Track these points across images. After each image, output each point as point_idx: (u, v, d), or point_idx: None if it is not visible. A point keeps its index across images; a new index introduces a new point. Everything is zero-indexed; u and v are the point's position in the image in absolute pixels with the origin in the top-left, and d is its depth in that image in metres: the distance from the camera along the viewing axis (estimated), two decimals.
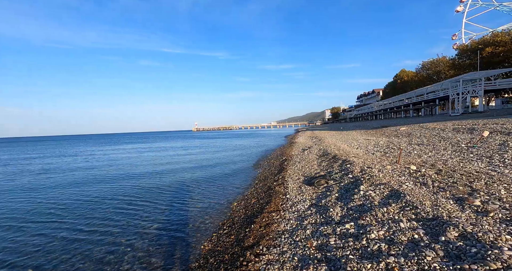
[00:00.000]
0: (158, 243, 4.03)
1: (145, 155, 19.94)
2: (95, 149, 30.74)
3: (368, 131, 22.04)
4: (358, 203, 3.62)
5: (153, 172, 11.35)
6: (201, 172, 10.91)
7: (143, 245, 3.97)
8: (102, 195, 7.47)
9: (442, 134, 11.81)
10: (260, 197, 5.62)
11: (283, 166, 9.11)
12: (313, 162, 8.42)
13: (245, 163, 12.88)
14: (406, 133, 14.91)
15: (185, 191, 7.44)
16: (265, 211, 4.39)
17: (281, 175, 7.34)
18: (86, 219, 5.44)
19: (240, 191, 6.96)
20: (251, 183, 7.77)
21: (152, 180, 9.38)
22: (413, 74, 64.62)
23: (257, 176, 8.78)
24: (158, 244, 3.98)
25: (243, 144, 27.65)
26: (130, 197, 7.09)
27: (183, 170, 11.76)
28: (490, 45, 38.24)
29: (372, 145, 12.10)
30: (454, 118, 22.22)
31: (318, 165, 7.71)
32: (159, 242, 4.07)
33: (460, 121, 16.09)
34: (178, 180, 9.13)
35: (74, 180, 10.14)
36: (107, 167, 13.78)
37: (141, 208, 6.03)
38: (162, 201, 6.56)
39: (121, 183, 9.21)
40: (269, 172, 8.87)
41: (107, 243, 4.13)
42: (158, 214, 5.47)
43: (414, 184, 3.99)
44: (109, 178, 10.48)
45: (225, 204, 5.76)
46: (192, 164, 13.79)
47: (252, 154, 17.46)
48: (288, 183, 6.12)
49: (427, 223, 2.57)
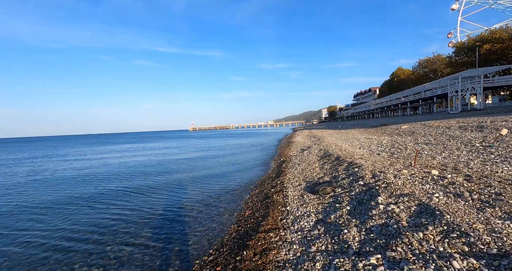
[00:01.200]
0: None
1: (127, 160, 18.94)
2: (79, 150, 29.53)
3: (367, 130, 21.40)
4: (379, 222, 2.82)
5: (138, 179, 10.44)
6: (192, 175, 10.04)
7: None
8: (67, 201, 6.57)
9: (449, 133, 11.14)
10: (256, 207, 4.79)
11: (281, 169, 8.30)
12: (314, 164, 7.63)
13: (240, 165, 12.05)
14: (409, 132, 14.23)
15: (170, 200, 6.58)
16: (262, 228, 3.57)
17: (280, 180, 6.52)
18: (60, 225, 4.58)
19: (233, 199, 6.14)
20: (245, 191, 6.95)
21: (135, 187, 8.49)
22: (409, 72, 64.47)
23: (253, 181, 7.96)
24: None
25: (239, 144, 26.79)
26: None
27: (171, 172, 10.86)
28: (488, 42, 37.98)
29: (375, 144, 11.37)
30: (454, 116, 21.70)
31: (320, 168, 6.92)
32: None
33: (464, 119, 15.49)
34: (162, 185, 8.26)
35: (55, 181, 9.19)
36: (84, 170, 12.80)
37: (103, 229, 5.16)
38: (139, 210, 5.70)
39: (83, 189, 8.30)
40: (266, 176, 8.05)
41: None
42: (139, 228, 4.62)
43: (446, 196, 3.22)
44: (87, 181, 9.54)
45: (215, 217, 4.92)
46: (183, 165, 12.90)
47: (248, 154, 16.63)
48: (288, 190, 5.31)
49: (493, 262, 1.79)
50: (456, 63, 47.66)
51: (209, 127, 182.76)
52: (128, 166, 13.81)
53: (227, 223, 4.41)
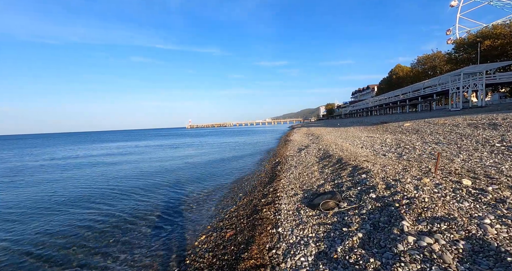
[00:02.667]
0: None
1: (99, 159, 17.84)
2: (66, 148, 28.27)
3: (367, 128, 20.52)
4: (414, 269, 1.87)
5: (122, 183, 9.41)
6: (175, 177, 9.03)
7: None
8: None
9: (458, 131, 10.24)
10: (240, 226, 3.80)
11: (275, 172, 7.32)
12: (313, 167, 6.67)
13: (231, 166, 11.06)
14: (413, 130, 13.33)
15: (142, 210, 5.58)
16: (242, 264, 2.59)
17: (273, 187, 5.55)
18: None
19: (215, 212, 5.14)
20: (232, 198, 5.97)
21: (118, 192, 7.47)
22: (408, 70, 63.79)
23: (242, 186, 6.97)
24: None
25: (234, 142, 25.77)
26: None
27: (153, 174, 9.83)
28: (489, 38, 37.21)
29: (378, 143, 10.45)
30: (456, 113, 20.90)
31: (320, 172, 5.96)
32: None
33: (470, 116, 14.64)
34: (139, 187, 7.25)
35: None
36: (67, 169, 11.73)
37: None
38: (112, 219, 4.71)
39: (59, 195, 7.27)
40: (257, 180, 7.06)
41: None
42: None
43: (502, 222, 2.27)
44: (71, 184, 8.50)
45: (189, 239, 3.91)
46: (169, 165, 11.87)
47: (241, 153, 15.64)
48: (281, 201, 4.35)
49: None
50: (455, 60, 46.97)
51: (207, 125, 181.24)
52: (99, 167, 12.75)
53: (199, 253, 3.33)
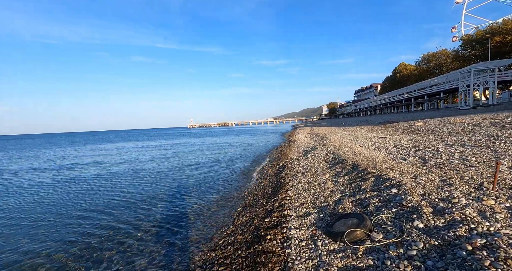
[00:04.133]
0: None
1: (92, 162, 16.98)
2: (64, 149, 27.53)
3: (375, 127, 19.47)
4: None
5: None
6: (169, 184, 8.12)
7: None
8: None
9: (482, 131, 9.21)
10: (237, 262, 2.85)
11: (280, 179, 6.38)
12: (324, 175, 5.71)
13: (229, 170, 10.13)
14: (427, 130, 12.29)
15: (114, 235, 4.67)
16: None
17: (278, 200, 4.61)
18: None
19: (207, 233, 4.14)
20: (229, 213, 5.00)
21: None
22: (413, 68, 62.39)
23: (242, 197, 6.02)
24: None
25: (235, 143, 24.86)
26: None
27: (142, 180, 8.94)
28: (499, 34, 35.82)
29: (392, 145, 9.45)
30: (467, 112, 19.78)
31: (334, 182, 5.00)
32: None
33: (489, 114, 13.57)
34: (119, 202, 6.36)
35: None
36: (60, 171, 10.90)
37: None
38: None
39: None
40: (260, 190, 6.10)
41: None
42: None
43: None
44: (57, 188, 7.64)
45: None
46: (164, 170, 10.99)
47: (242, 155, 14.72)
48: (289, 223, 3.41)
49: None
50: (463, 57, 45.58)
51: (209, 125, 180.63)
52: (95, 170, 11.89)
53: None
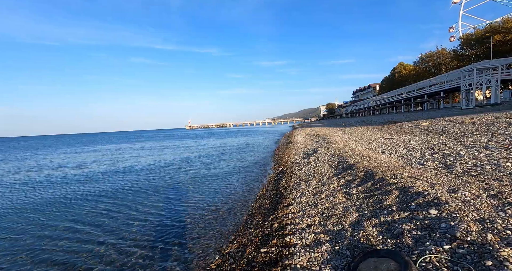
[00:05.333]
0: None
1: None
2: (56, 151, 26.44)
3: (377, 128, 18.68)
4: None
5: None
6: (154, 194, 7.22)
7: None
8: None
9: (501, 131, 8.39)
10: None
11: (279, 189, 5.49)
12: (332, 184, 4.84)
13: (222, 176, 9.23)
14: (436, 130, 11.48)
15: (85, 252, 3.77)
16: None
17: (277, 220, 3.73)
18: None
19: (186, 268, 3.21)
20: (218, 235, 4.09)
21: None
22: (411, 68, 62.12)
23: (234, 211, 5.10)
24: None
25: (232, 144, 23.97)
26: None
27: (128, 190, 8.04)
28: (499, 32, 35.41)
29: (402, 147, 8.60)
30: (471, 111, 19.09)
31: (345, 194, 4.14)
32: None
33: (500, 113, 12.84)
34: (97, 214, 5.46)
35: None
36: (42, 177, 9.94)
37: None
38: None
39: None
40: (256, 203, 5.19)
41: None
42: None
43: None
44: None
45: None
46: (151, 178, 10.08)
47: (237, 158, 13.83)
48: (293, 259, 2.54)
49: None
50: (462, 56, 45.24)
51: (207, 126, 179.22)
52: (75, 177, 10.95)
53: None
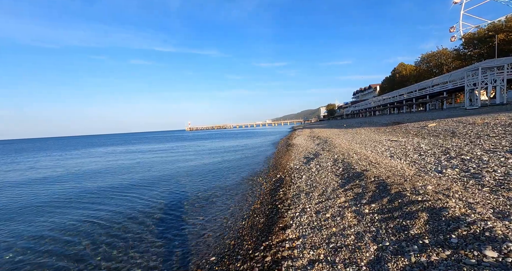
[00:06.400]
0: None
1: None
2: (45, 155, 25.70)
3: (380, 129, 17.90)
4: None
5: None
6: (130, 206, 6.47)
7: None
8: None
9: None
10: None
11: (276, 203, 4.72)
12: (338, 199, 4.07)
13: (217, 183, 8.46)
14: (446, 132, 10.70)
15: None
16: None
17: (272, 249, 2.96)
18: None
19: None
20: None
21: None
22: (412, 68, 61.51)
23: (222, 233, 4.30)
24: None
25: (229, 146, 23.22)
26: None
27: (99, 205, 7.29)
28: (503, 31, 34.74)
29: (411, 150, 7.83)
30: (477, 111, 18.33)
31: (356, 213, 3.37)
32: None
33: (510, 113, 12.09)
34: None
35: None
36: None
37: None
38: None
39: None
40: (247, 221, 4.37)
41: None
42: None
43: None
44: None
45: None
46: (138, 189, 9.32)
47: (231, 162, 13.07)
48: None
49: None
50: (465, 56, 44.57)
51: (206, 127, 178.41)
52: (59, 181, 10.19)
53: None
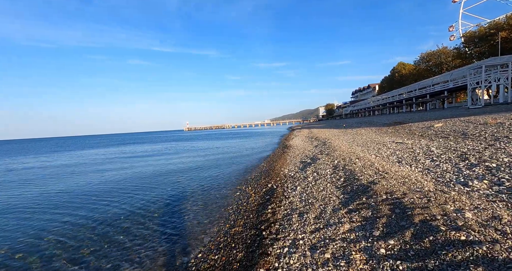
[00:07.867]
0: None
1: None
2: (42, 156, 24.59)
3: (382, 130, 16.96)
4: None
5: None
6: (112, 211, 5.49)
7: None
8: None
9: None
10: None
11: (261, 225, 3.74)
12: (341, 226, 3.12)
13: (201, 196, 7.49)
14: (456, 133, 9.74)
15: None
16: None
17: None
18: None
19: None
20: None
21: None
22: (411, 67, 60.68)
23: (204, 258, 3.33)
24: None
25: (223, 147, 22.25)
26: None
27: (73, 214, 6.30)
28: (504, 29, 33.98)
29: (421, 154, 6.87)
30: (480, 111, 17.47)
31: (367, 254, 2.41)
32: None
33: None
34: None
35: None
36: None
37: None
38: None
39: None
40: (221, 253, 3.36)
41: None
42: None
43: None
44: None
45: None
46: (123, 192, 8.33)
47: (224, 167, 12.09)
48: None
49: None
50: (465, 54, 43.83)
51: (205, 127, 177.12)
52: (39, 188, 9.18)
53: None
